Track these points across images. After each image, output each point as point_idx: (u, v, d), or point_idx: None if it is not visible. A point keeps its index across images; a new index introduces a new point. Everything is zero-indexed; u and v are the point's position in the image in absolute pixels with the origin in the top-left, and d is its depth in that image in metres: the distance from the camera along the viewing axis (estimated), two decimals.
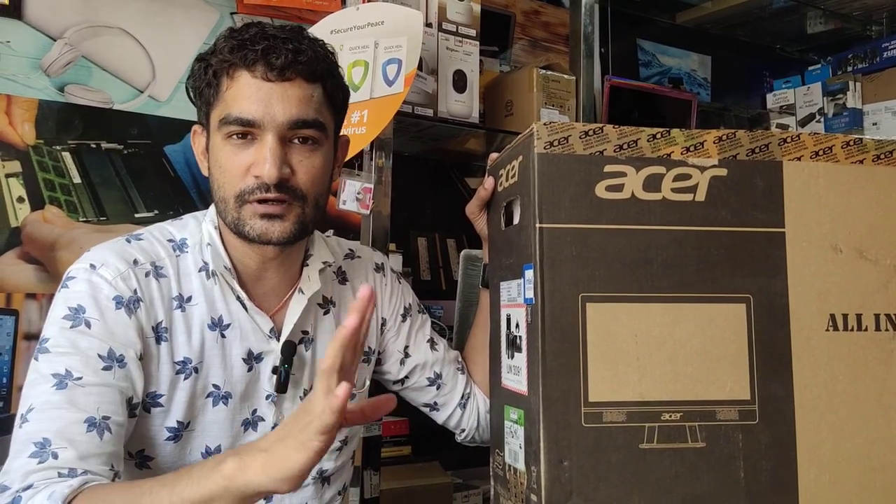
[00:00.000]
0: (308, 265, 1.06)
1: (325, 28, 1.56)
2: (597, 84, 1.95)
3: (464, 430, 1.20)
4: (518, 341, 0.88)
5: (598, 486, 0.79)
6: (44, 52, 1.59)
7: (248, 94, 0.92)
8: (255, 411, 1.02)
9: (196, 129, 1.02)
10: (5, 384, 1.51)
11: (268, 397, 1.02)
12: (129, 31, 1.68)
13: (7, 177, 1.55)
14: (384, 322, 1.16)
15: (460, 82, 1.71)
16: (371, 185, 1.50)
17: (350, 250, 1.17)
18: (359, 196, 1.49)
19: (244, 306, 1.00)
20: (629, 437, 0.80)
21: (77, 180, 1.62)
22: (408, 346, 1.17)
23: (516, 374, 0.88)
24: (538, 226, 0.82)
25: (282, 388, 1.02)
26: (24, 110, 1.57)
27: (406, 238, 2.11)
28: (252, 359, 1.01)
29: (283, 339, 1.02)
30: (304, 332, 1.06)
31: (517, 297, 0.89)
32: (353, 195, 1.48)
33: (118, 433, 0.88)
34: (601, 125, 0.85)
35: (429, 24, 1.66)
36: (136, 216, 1.68)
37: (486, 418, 1.17)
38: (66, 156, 1.61)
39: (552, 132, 0.83)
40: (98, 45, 1.65)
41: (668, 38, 2.59)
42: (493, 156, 1.04)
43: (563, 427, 0.79)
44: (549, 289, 0.81)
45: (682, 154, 0.85)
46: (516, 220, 0.91)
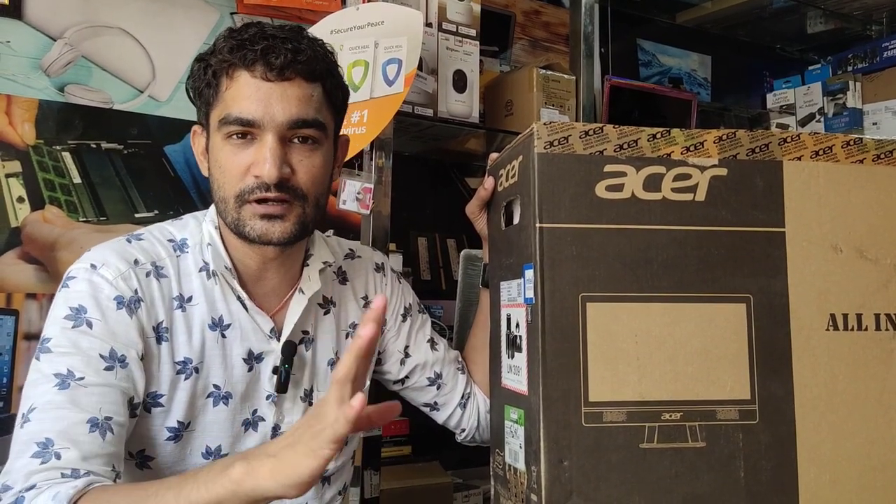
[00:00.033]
0: (308, 265, 1.06)
1: (325, 28, 1.56)
2: (597, 84, 1.95)
3: (464, 430, 1.20)
4: (518, 341, 0.88)
5: (599, 485, 0.79)
6: (44, 52, 1.59)
7: (248, 94, 0.92)
8: (255, 411, 1.02)
9: (196, 129, 1.02)
10: (5, 384, 1.51)
11: (268, 397, 1.02)
12: (129, 31, 1.68)
13: (7, 177, 1.55)
14: (384, 322, 1.16)
15: (460, 82, 1.71)
16: (371, 185, 1.50)
17: (350, 250, 1.17)
18: (359, 196, 1.49)
19: (244, 306, 1.00)
20: (629, 437, 0.80)
21: (77, 180, 1.62)
22: (408, 346, 1.17)
23: (516, 374, 0.88)
24: (538, 226, 0.82)
25: (282, 388, 1.02)
26: (24, 110, 1.57)
27: (406, 238, 2.11)
28: (252, 359, 1.01)
29: (283, 339, 1.02)
30: (305, 332, 1.06)
31: (517, 296, 0.89)
32: (353, 195, 1.48)
33: (120, 433, 0.88)
34: (601, 125, 0.85)
35: (429, 24, 1.66)
36: (136, 216, 1.68)
37: (486, 418, 1.17)
38: (66, 156, 1.61)
39: (552, 132, 0.83)
40: (98, 45, 1.65)
41: (668, 37, 2.59)
42: (493, 156, 1.04)
43: (564, 427, 0.79)
44: (549, 289, 0.81)
45: (682, 154, 0.85)
46: (516, 220, 0.91)
